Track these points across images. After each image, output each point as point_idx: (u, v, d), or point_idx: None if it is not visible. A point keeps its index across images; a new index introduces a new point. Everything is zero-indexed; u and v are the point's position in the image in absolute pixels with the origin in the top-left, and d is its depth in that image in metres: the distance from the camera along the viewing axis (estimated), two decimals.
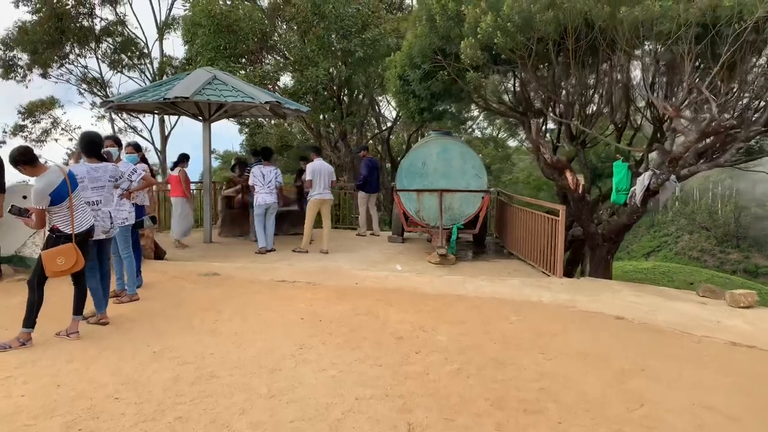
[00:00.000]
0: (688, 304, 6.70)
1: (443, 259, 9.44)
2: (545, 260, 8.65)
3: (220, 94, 10.08)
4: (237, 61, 15.56)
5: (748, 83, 7.74)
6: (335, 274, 8.19)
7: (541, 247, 8.66)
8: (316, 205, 10.36)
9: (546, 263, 8.62)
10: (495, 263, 9.96)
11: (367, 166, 12.34)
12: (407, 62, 10.37)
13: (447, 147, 10.34)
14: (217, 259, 9.71)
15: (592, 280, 7.90)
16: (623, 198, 8.35)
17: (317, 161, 10.41)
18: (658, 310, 6.34)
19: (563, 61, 8.73)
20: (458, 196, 10.35)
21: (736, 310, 6.45)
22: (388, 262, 9.79)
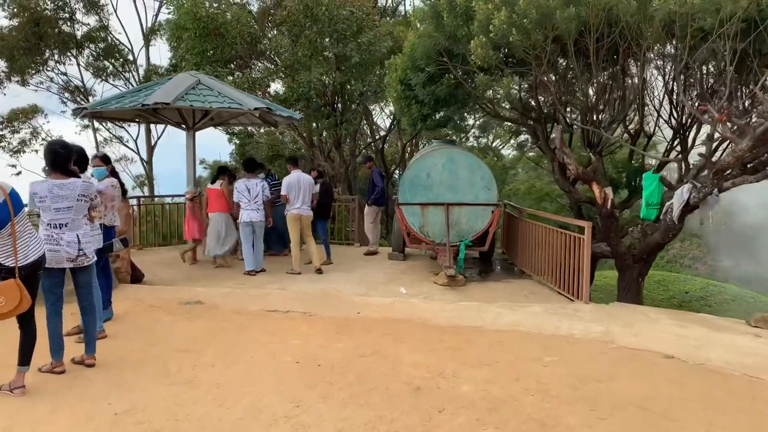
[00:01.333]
0: (740, 336, 5.84)
1: (452, 280, 8.55)
2: (567, 283, 7.78)
3: (204, 100, 9.19)
4: (225, 66, 14.67)
5: None
6: (333, 300, 7.27)
7: (562, 268, 7.79)
8: (296, 221, 9.43)
9: (568, 286, 7.75)
10: (507, 284, 9.08)
11: (381, 178, 11.50)
12: (409, 65, 9.52)
13: (453, 157, 9.48)
14: (202, 281, 8.77)
15: (624, 306, 7.05)
16: (654, 213, 7.52)
17: (294, 174, 9.50)
18: (710, 346, 5.47)
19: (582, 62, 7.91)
20: (466, 210, 9.49)
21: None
22: (390, 283, 8.89)
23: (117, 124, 25.64)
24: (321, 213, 10.25)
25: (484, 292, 8.36)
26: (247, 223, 9.32)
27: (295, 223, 9.43)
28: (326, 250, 10.46)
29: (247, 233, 9.38)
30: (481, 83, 8.40)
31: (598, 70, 7.90)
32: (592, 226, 7.08)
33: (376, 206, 11.65)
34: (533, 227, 9.01)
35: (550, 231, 8.26)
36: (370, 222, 11.80)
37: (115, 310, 6.45)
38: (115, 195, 6.22)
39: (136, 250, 12.05)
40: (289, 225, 9.46)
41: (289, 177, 9.38)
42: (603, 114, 9.23)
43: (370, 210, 11.67)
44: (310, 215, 9.66)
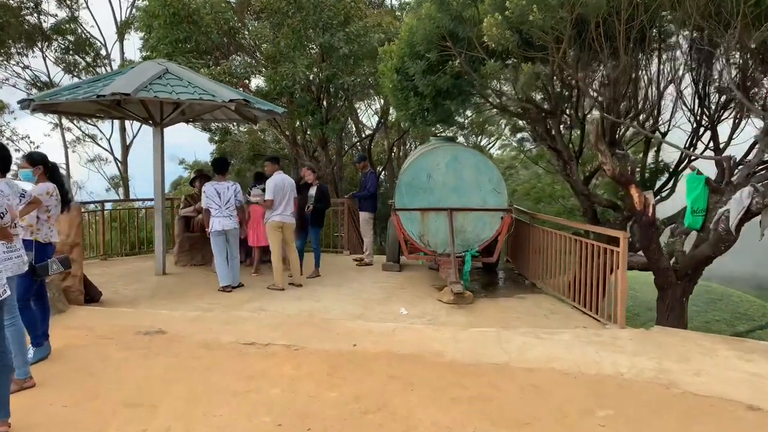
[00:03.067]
0: None
1: (459, 297, 7.41)
2: (595, 301, 6.69)
3: (171, 91, 7.94)
4: (200, 57, 13.39)
5: None
6: (322, 327, 6.09)
7: (590, 285, 6.69)
8: (278, 229, 8.23)
9: (596, 306, 6.66)
10: (520, 300, 7.97)
11: (376, 180, 10.30)
12: (407, 51, 8.37)
13: (458, 156, 8.36)
14: (167, 300, 7.55)
15: (668, 333, 5.97)
16: (700, 221, 6.46)
17: (278, 175, 8.30)
18: None
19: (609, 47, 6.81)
20: (472, 217, 8.39)
21: None
22: (387, 301, 7.73)
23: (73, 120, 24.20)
24: (317, 220, 9.06)
25: (497, 312, 7.24)
26: (219, 231, 8.11)
27: (277, 232, 8.24)
28: (316, 260, 9.27)
29: (220, 244, 8.16)
30: (491, 70, 7.26)
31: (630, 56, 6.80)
32: (628, 236, 5.97)
33: (369, 212, 10.44)
34: (550, 236, 7.91)
35: (574, 241, 7.16)
36: (369, 229, 10.58)
37: (55, 344, 5.23)
38: (51, 204, 4.98)
39: (99, 260, 10.77)
40: (270, 234, 8.26)
41: (274, 178, 8.18)
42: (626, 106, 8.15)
43: (365, 216, 10.47)
44: (293, 223, 8.47)
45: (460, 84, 8.34)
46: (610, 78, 6.99)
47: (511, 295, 8.33)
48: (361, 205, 10.49)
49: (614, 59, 7.07)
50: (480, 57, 7.69)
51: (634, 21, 6.62)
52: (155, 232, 9.41)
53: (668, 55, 7.91)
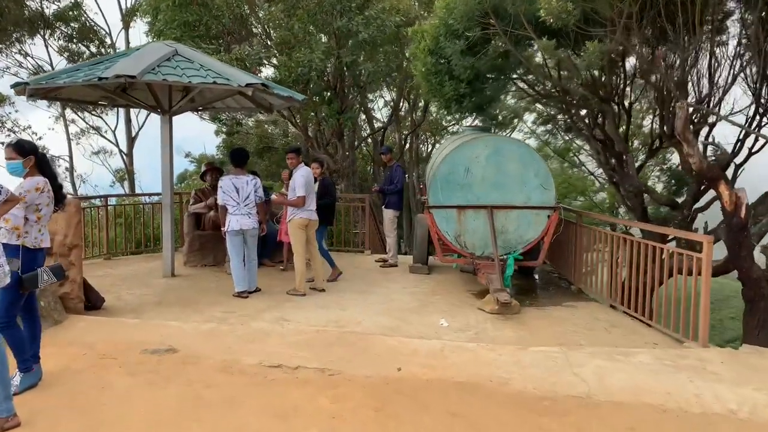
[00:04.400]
0: None
1: (504, 307, 6.55)
2: (665, 313, 5.84)
3: (182, 74, 7.10)
4: (210, 42, 12.55)
5: None
6: (358, 345, 5.25)
7: (660, 296, 5.84)
8: (303, 227, 7.43)
9: (667, 318, 5.81)
10: (571, 310, 7.13)
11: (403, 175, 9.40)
12: (443, 31, 7.50)
13: (500, 147, 7.51)
14: (177, 308, 6.74)
15: (764, 354, 5.13)
16: None
17: (304, 168, 7.50)
18: None
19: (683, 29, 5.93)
20: (515, 215, 7.56)
21: None
22: (422, 309, 6.91)
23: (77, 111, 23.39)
24: (324, 217, 8.22)
25: (550, 325, 6.40)
26: (237, 231, 7.30)
27: (302, 231, 7.43)
28: (329, 261, 8.44)
29: (237, 245, 7.35)
30: (545, 49, 6.39)
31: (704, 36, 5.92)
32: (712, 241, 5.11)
33: (393, 210, 9.57)
34: (606, 237, 7.05)
35: (638, 244, 6.30)
36: (393, 228, 9.69)
37: (48, 365, 4.43)
38: (42, 202, 4.16)
39: (102, 260, 9.97)
40: (295, 233, 7.44)
41: (302, 173, 7.36)
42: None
43: (390, 214, 9.56)
44: (317, 220, 7.67)
45: (501, 66, 7.45)
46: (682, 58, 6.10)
47: (558, 303, 7.49)
48: (387, 201, 9.57)
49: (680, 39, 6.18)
50: (526, 36, 6.84)
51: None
52: (163, 230, 8.59)
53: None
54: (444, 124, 25.32)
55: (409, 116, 22.36)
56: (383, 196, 9.66)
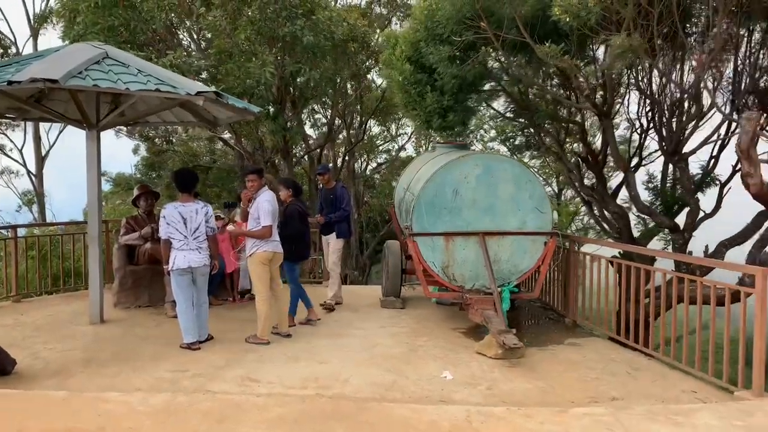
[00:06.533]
0: None
1: (510, 352, 5.63)
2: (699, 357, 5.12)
3: (116, 80, 5.80)
4: (140, 49, 11.11)
5: None
6: (361, 419, 4.14)
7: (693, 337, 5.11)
8: (267, 263, 6.27)
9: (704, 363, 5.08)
10: (578, 349, 6.34)
11: (349, 198, 8.17)
12: (424, 36, 6.59)
13: (491, 167, 6.66)
14: (113, 367, 5.41)
15: None
16: None
17: (269, 193, 6.36)
18: None
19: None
20: (509, 243, 6.72)
21: None
22: (413, 357, 5.90)
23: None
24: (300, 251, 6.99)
25: (565, 371, 5.55)
26: (184, 270, 6.02)
27: (266, 268, 6.25)
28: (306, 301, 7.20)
29: (184, 286, 6.07)
30: (549, 55, 5.60)
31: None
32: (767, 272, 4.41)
33: (344, 238, 8.19)
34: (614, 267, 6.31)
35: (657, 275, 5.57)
36: (337, 259, 8.15)
37: None
38: None
39: (11, 302, 8.31)
40: (257, 270, 6.25)
41: (267, 196, 6.21)
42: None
43: (338, 243, 8.10)
44: (282, 252, 6.52)
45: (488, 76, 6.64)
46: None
47: (558, 341, 6.68)
48: (336, 229, 8.04)
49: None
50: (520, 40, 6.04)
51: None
52: (90, 268, 7.13)
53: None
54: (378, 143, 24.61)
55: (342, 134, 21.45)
56: (331, 225, 8.08)
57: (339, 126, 20.85)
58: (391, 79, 7.55)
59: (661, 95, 7.65)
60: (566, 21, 5.18)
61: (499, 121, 11.63)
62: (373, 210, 22.70)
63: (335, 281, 8.08)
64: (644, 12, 5.49)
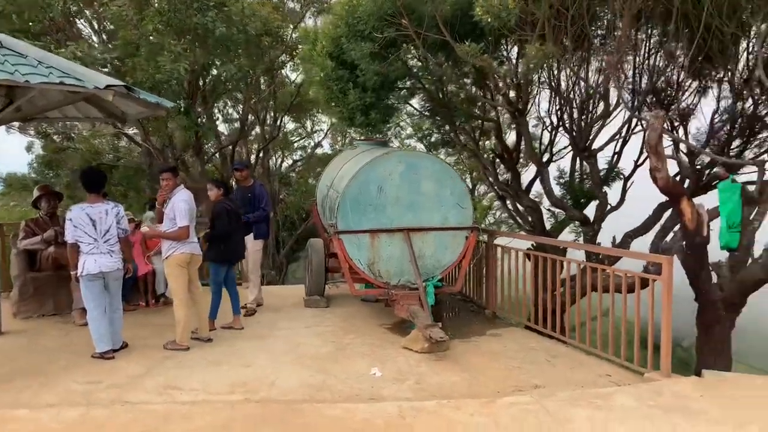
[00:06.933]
0: None
1: (436, 345, 5.74)
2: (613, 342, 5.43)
3: (13, 71, 5.33)
4: (35, 38, 10.29)
5: None
6: (295, 422, 4.06)
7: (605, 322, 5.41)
8: (185, 265, 6.02)
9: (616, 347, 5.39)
10: (500, 339, 6.56)
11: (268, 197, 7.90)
12: (345, 32, 6.55)
13: (415, 164, 6.73)
14: (18, 382, 5.04)
15: (733, 382, 4.85)
16: (737, 238, 5.45)
17: (185, 192, 6.10)
18: None
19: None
20: (432, 238, 6.83)
21: None
22: (341, 355, 5.86)
23: None
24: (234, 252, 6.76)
25: (489, 361, 5.72)
26: (95, 275, 5.65)
27: (184, 271, 5.99)
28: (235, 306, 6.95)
29: (96, 292, 5.69)
30: (470, 54, 5.72)
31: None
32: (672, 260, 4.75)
33: (263, 239, 7.90)
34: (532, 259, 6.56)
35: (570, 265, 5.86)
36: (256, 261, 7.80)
37: None
38: None
39: None
40: (174, 272, 5.98)
41: (183, 195, 5.93)
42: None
43: (257, 245, 7.73)
44: (201, 254, 6.28)
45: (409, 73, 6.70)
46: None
47: (479, 332, 6.87)
48: (254, 230, 7.63)
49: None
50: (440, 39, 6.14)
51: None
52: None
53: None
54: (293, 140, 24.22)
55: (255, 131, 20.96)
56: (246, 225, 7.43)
57: (252, 122, 20.34)
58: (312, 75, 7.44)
59: (571, 94, 8.06)
60: (487, 21, 5.33)
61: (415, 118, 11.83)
62: (289, 208, 22.27)
63: (255, 284, 7.86)
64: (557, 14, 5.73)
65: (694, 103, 8.08)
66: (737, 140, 7.69)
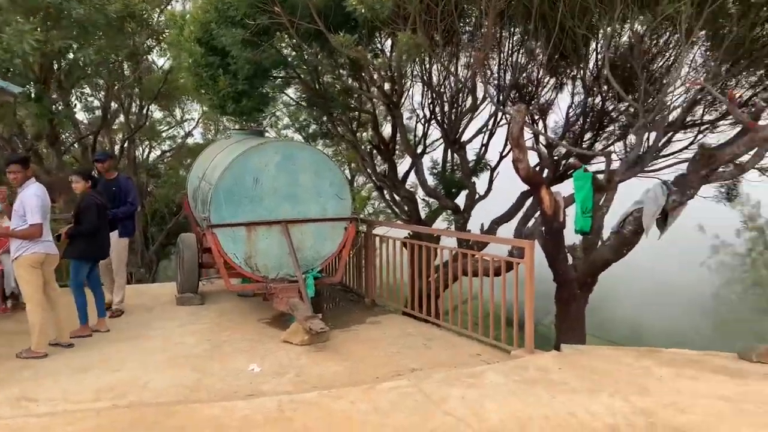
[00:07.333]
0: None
1: (317, 337, 5.75)
2: (481, 322, 5.75)
3: None
4: None
5: None
6: (169, 424, 3.88)
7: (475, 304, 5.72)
8: (39, 266, 5.52)
9: (485, 328, 5.72)
10: (380, 327, 6.70)
11: (135, 191, 7.39)
12: (215, 17, 6.31)
13: (292, 154, 6.65)
14: None
15: (587, 354, 5.29)
16: (590, 222, 5.95)
17: (37, 186, 5.59)
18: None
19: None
20: (311, 230, 6.81)
21: None
22: (219, 353, 5.69)
23: None
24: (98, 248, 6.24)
25: (369, 349, 5.83)
26: None
27: (38, 271, 5.48)
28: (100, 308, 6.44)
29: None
30: (344, 45, 5.74)
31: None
32: (533, 245, 5.12)
33: (129, 237, 7.41)
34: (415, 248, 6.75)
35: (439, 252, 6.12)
36: (122, 260, 7.28)
37: None
38: None
39: None
40: (29, 274, 5.45)
41: (35, 189, 5.39)
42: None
43: (122, 243, 7.20)
44: (57, 254, 5.78)
45: (285, 62, 6.61)
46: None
47: (360, 320, 6.97)
48: (118, 227, 7.04)
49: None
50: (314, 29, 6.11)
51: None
52: None
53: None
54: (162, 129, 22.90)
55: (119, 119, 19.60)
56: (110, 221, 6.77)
57: (116, 110, 18.96)
58: (180, 61, 7.09)
59: (442, 87, 8.38)
60: (361, 12, 5.37)
61: (292, 108, 11.68)
62: (158, 201, 21.10)
63: (121, 284, 7.37)
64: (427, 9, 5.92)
65: (552, 99, 8.77)
66: (589, 133, 8.47)
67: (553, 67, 8.08)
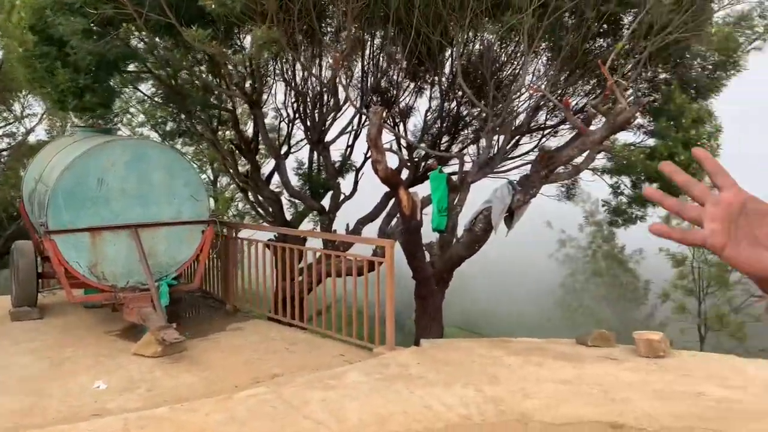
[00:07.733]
0: (602, 365, 4.96)
1: (171, 348, 5.44)
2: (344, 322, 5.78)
3: None
4: None
5: None
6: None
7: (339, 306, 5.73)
8: None
9: (348, 328, 5.75)
10: (243, 333, 6.49)
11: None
12: (50, 3, 5.74)
13: (142, 153, 6.25)
14: None
15: (445, 347, 5.47)
16: (445, 221, 6.13)
17: None
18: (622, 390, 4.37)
19: None
20: (165, 234, 6.44)
21: (660, 361, 5.02)
22: (59, 372, 5.20)
23: None
24: None
25: (229, 356, 5.64)
26: None
27: None
28: None
29: None
30: (197, 40, 5.47)
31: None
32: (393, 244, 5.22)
33: None
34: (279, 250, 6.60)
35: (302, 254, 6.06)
36: None
37: None
38: None
39: None
40: None
41: None
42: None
43: None
44: None
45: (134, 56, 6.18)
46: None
47: (222, 328, 6.71)
48: None
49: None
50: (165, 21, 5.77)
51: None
52: None
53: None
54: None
55: None
56: None
57: None
58: (11, 50, 6.36)
59: (305, 87, 8.30)
60: (211, 8, 5.15)
61: (147, 105, 10.95)
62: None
63: None
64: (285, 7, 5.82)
65: (411, 103, 9.04)
66: (446, 136, 8.84)
67: (413, 71, 8.32)
